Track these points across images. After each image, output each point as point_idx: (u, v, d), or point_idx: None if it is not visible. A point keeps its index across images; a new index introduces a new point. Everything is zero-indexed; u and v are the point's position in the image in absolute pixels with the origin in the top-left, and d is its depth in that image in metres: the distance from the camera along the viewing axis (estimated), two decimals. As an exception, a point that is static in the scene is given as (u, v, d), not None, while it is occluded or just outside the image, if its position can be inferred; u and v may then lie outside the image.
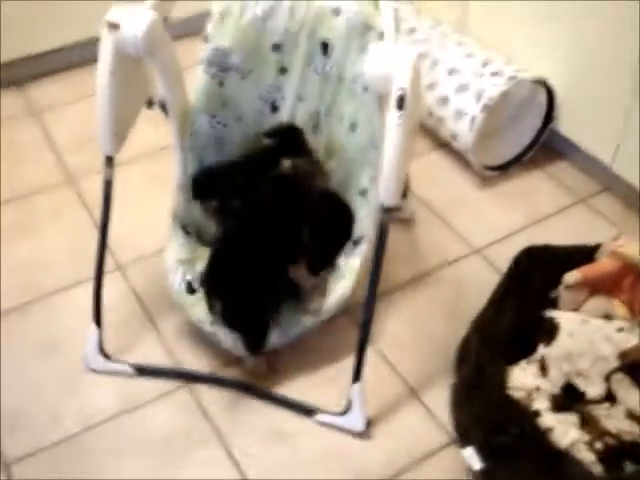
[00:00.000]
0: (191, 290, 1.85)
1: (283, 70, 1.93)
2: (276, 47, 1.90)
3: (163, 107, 1.83)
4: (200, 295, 1.82)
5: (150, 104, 1.82)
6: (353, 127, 1.87)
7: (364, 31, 1.80)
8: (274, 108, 1.97)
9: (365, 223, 1.85)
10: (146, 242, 2.11)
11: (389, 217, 1.64)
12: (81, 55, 2.74)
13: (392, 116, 1.54)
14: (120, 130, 1.72)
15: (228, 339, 1.77)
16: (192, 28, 2.16)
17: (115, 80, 1.64)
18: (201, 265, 1.86)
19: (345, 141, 1.91)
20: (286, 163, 1.85)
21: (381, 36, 1.65)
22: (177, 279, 1.85)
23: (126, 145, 1.79)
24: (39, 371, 1.85)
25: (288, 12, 1.87)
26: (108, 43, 1.61)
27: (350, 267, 1.85)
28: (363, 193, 1.86)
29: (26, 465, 1.68)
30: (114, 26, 1.59)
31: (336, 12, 1.84)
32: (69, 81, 2.74)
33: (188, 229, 1.91)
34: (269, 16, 1.87)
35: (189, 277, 1.85)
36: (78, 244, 2.15)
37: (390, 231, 1.66)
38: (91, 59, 2.69)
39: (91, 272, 2.01)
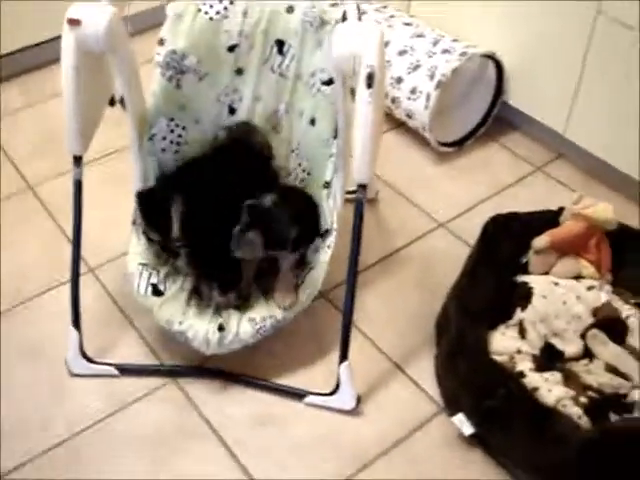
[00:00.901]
0: (157, 292, 1.82)
1: (239, 71, 1.94)
2: (231, 48, 1.91)
3: (124, 104, 1.82)
4: (168, 295, 1.81)
5: (112, 102, 1.81)
6: (313, 122, 1.89)
7: (320, 26, 1.83)
8: (232, 110, 1.97)
9: (330, 215, 1.86)
10: (114, 243, 2.08)
11: (365, 194, 1.66)
12: (32, 59, 2.72)
13: (362, 94, 1.56)
14: (86, 128, 1.71)
15: (198, 337, 1.75)
16: (140, 25, 2.16)
17: (79, 77, 1.63)
18: (166, 270, 1.86)
19: (306, 136, 1.92)
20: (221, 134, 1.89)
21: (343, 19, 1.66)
22: (142, 283, 1.82)
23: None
24: (24, 378, 1.83)
25: (242, 13, 1.89)
26: (70, 39, 1.60)
27: (319, 261, 1.85)
28: (327, 186, 1.87)
29: (20, 474, 1.67)
30: (75, 22, 1.58)
31: (290, 9, 1.86)
32: (21, 86, 2.70)
33: (150, 236, 1.88)
34: (223, 18, 1.89)
35: (154, 280, 1.83)
36: (46, 250, 2.13)
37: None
38: (43, 63, 2.72)
39: (63, 276, 2.01)
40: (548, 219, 1.98)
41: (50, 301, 2.00)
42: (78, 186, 1.75)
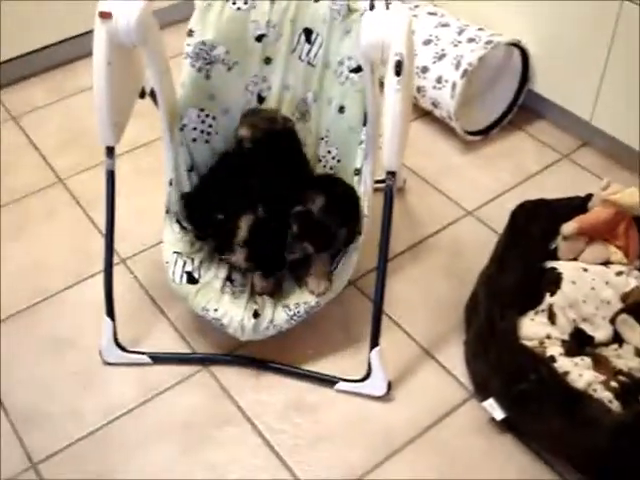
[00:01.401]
0: (192, 280, 1.84)
1: (268, 60, 1.95)
2: (259, 38, 1.92)
3: (153, 96, 1.84)
4: (203, 282, 1.83)
5: (142, 94, 1.83)
6: (342, 110, 1.90)
7: (347, 14, 1.84)
8: (260, 99, 1.99)
9: (361, 202, 1.87)
10: (145, 234, 2.12)
11: (394, 181, 1.67)
12: (55, 57, 2.76)
13: (390, 82, 1.57)
14: (119, 120, 1.73)
15: (233, 323, 1.78)
16: (167, 19, 2.18)
17: (111, 70, 1.65)
18: (200, 258, 1.88)
19: (335, 124, 1.93)
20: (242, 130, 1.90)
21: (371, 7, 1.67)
22: (177, 271, 1.84)
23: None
24: (55, 369, 1.86)
25: (269, 3, 1.90)
26: (102, 33, 1.62)
27: (351, 247, 1.86)
28: (357, 173, 1.88)
29: (53, 463, 1.69)
30: (107, 15, 1.59)
31: None
32: (45, 84, 2.73)
33: (183, 224, 1.91)
34: (251, 8, 1.90)
35: (189, 268, 1.85)
36: (76, 242, 2.16)
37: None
38: (65, 60, 2.76)
39: (93, 268, 2.05)
40: (576, 205, 1.98)
41: (81, 293, 2.03)
42: (111, 176, 1.77)
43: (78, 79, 2.71)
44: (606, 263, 1.92)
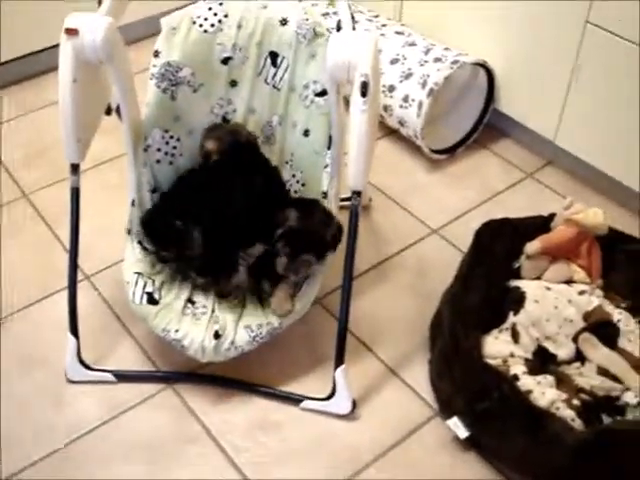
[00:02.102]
0: (153, 301, 1.82)
1: (233, 83, 1.96)
2: (225, 60, 1.93)
3: (119, 113, 1.84)
4: (163, 303, 1.81)
5: (109, 111, 1.82)
6: (306, 133, 1.92)
7: (313, 38, 1.86)
8: (226, 121, 1.99)
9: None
10: (110, 251, 2.10)
11: (359, 201, 1.68)
12: (21, 71, 2.74)
13: (356, 102, 1.58)
14: (84, 136, 1.72)
15: (194, 345, 1.76)
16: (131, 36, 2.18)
17: (76, 87, 1.64)
18: (162, 279, 1.86)
19: (300, 148, 1.94)
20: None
21: (338, 28, 1.69)
22: (137, 292, 1.82)
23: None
24: (21, 387, 1.84)
25: (236, 26, 1.91)
26: (68, 49, 1.62)
27: (320, 270, 1.85)
28: (324, 196, 1.89)
29: (19, 481, 1.68)
30: (73, 32, 1.59)
31: (284, 22, 1.88)
32: (10, 97, 2.71)
33: (144, 244, 1.90)
34: (218, 31, 1.91)
35: (150, 289, 1.83)
36: (40, 258, 2.14)
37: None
38: (32, 74, 2.74)
39: (57, 284, 2.03)
40: (540, 224, 2.00)
41: (45, 309, 2.01)
42: (76, 193, 1.76)
43: (44, 93, 2.69)
44: (569, 282, 1.94)
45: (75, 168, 1.75)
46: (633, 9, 1.95)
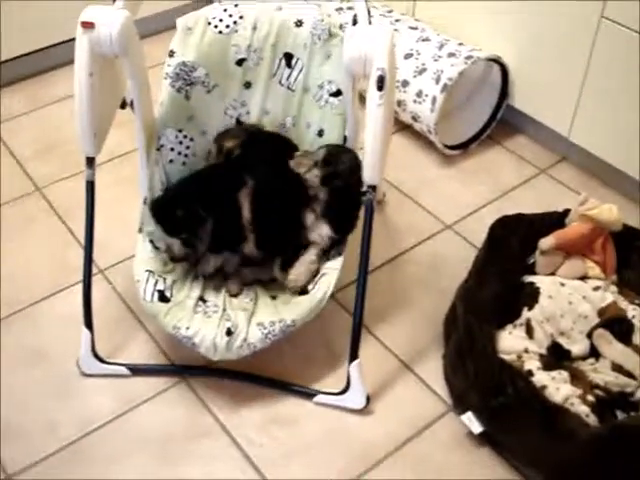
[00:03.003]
0: (164, 299, 1.81)
1: (248, 84, 1.96)
2: (240, 62, 1.93)
3: (133, 107, 1.84)
4: (174, 301, 1.80)
5: (123, 104, 1.83)
6: (321, 133, 1.92)
7: (328, 39, 1.86)
8: (239, 123, 1.99)
9: None
10: (124, 245, 2.09)
11: (374, 195, 1.68)
12: (32, 66, 2.75)
13: (372, 97, 1.58)
14: (99, 130, 1.72)
15: (205, 342, 1.74)
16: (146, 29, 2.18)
17: (92, 80, 1.64)
18: (173, 277, 1.86)
19: (314, 148, 1.93)
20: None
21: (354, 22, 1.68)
22: (149, 289, 1.80)
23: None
24: (31, 381, 1.84)
25: (251, 27, 1.91)
26: (84, 43, 1.62)
27: (331, 267, 1.85)
28: None
29: (29, 476, 1.67)
30: (89, 25, 1.59)
31: (299, 23, 1.88)
32: (22, 92, 2.72)
33: (156, 244, 1.89)
34: (233, 32, 1.91)
35: (161, 287, 1.82)
36: (54, 252, 2.14)
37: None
38: (42, 69, 2.75)
39: (70, 278, 2.04)
40: (554, 220, 2.00)
41: (58, 303, 2.02)
42: (91, 187, 1.77)
43: (55, 88, 2.70)
44: (583, 278, 1.94)
45: (90, 162, 1.75)
46: (649, 4, 1.95)
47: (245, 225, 1.81)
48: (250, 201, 1.80)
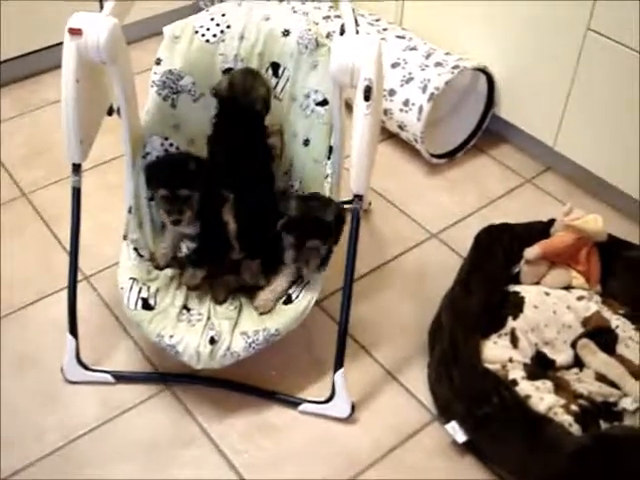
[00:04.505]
0: (148, 307, 1.80)
1: None
2: (227, 71, 1.93)
3: (120, 114, 1.84)
4: (158, 309, 1.80)
5: (110, 111, 1.82)
6: (307, 142, 1.92)
7: (315, 49, 1.87)
8: None
9: None
10: (109, 251, 2.09)
11: (361, 205, 1.68)
12: (21, 70, 2.74)
13: (359, 107, 1.59)
14: (86, 137, 1.72)
15: (189, 350, 1.73)
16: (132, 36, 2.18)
17: (79, 87, 1.64)
18: (157, 285, 1.85)
19: (299, 157, 1.94)
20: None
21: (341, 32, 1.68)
22: (132, 297, 1.80)
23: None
24: (16, 387, 1.83)
25: (238, 36, 1.91)
26: (71, 49, 1.61)
27: (315, 276, 1.85)
28: None
29: (14, 483, 1.67)
30: (76, 32, 1.59)
31: (286, 33, 1.89)
32: (10, 96, 2.71)
33: (140, 252, 1.89)
34: (220, 41, 1.91)
35: (144, 294, 1.81)
36: (39, 257, 2.14)
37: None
38: (31, 73, 2.74)
39: (55, 284, 2.03)
40: (539, 230, 2.01)
41: (43, 309, 2.01)
42: (77, 193, 1.76)
43: (44, 92, 2.69)
44: (568, 288, 1.95)
45: (77, 168, 1.74)
46: (634, 16, 1.96)
47: (231, 237, 1.83)
48: (234, 215, 1.82)
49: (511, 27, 2.29)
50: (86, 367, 1.83)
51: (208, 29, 1.91)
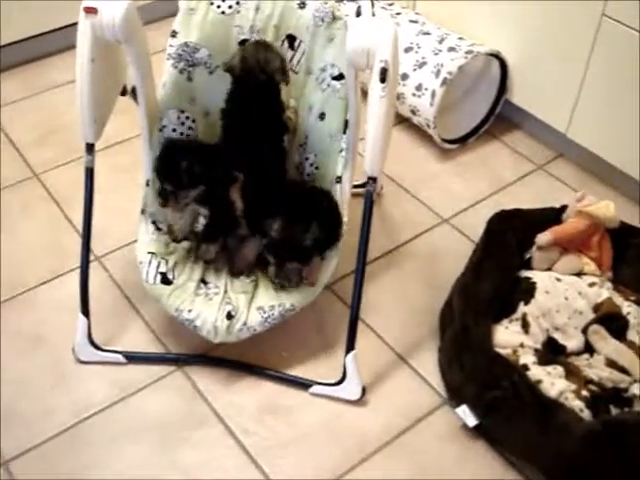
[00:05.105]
0: (166, 281, 1.82)
1: None
2: (243, 42, 1.91)
3: (134, 94, 1.83)
4: (177, 283, 1.82)
5: (124, 91, 1.82)
6: (322, 116, 1.91)
7: (331, 22, 1.85)
8: None
9: (342, 208, 1.86)
10: (121, 232, 2.10)
11: (374, 187, 1.68)
12: (31, 51, 2.73)
13: (375, 89, 1.58)
14: (99, 116, 1.71)
15: (206, 325, 1.76)
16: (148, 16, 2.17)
17: (94, 66, 1.63)
18: (175, 259, 1.87)
19: (315, 131, 1.93)
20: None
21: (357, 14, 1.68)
22: (151, 272, 1.82)
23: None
24: (28, 366, 1.84)
25: (254, 8, 1.90)
26: (86, 28, 1.61)
27: (329, 255, 1.86)
28: (339, 181, 1.88)
29: (24, 461, 1.67)
30: (92, 10, 1.58)
31: (303, 5, 1.87)
32: (21, 78, 2.70)
33: (159, 225, 1.90)
34: (235, 12, 1.90)
35: (163, 269, 1.83)
36: (51, 238, 2.14)
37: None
38: (42, 54, 2.74)
39: (67, 265, 2.04)
40: (551, 216, 2.01)
41: (55, 290, 2.01)
42: (90, 173, 1.76)
43: (54, 74, 2.68)
44: (579, 274, 1.95)
45: (90, 148, 1.74)
46: (650, 3, 1.96)
47: (238, 215, 1.84)
48: (241, 195, 1.82)
49: (525, 12, 2.28)
50: (97, 347, 1.84)
51: (223, 0, 1.89)
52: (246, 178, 1.83)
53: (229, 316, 1.76)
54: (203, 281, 1.86)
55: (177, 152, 1.84)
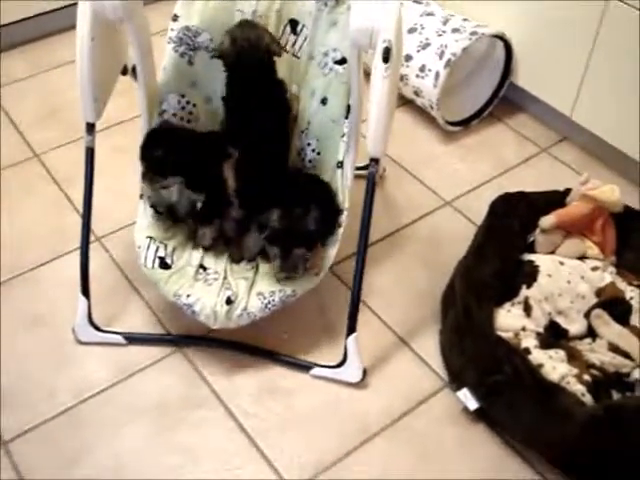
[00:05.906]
0: (165, 266, 1.81)
1: None
2: None
3: (135, 74, 1.82)
4: (175, 268, 1.81)
5: (124, 71, 1.80)
6: (324, 101, 1.89)
7: (334, 6, 1.83)
8: None
9: (342, 194, 1.85)
10: (121, 213, 2.09)
11: (377, 169, 1.67)
12: (33, 30, 2.72)
13: (378, 69, 1.57)
14: (100, 96, 1.70)
15: (205, 310, 1.74)
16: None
17: (94, 45, 1.62)
18: (174, 244, 1.86)
19: (317, 116, 1.91)
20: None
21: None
22: (150, 256, 1.81)
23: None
24: (28, 347, 1.83)
25: None
26: (86, 7, 1.59)
27: (332, 240, 1.84)
28: (340, 166, 1.86)
29: (24, 442, 1.67)
30: (93, -11, 1.57)
31: None
32: (23, 57, 2.68)
33: (158, 209, 1.88)
34: None
35: (162, 253, 1.82)
36: (51, 218, 2.13)
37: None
38: (44, 34, 2.72)
39: (68, 245, 2.03)
40: (555, 199, 1.99)
41: (56, 270, 2.01)
42: (90, 153, 1.75)
43: (57, 53, 2.67)
44: (582, 258, 1.94)
45: (91, 128, 1.73)
46: (658, -16, 1.93)
47: (230, 193, 1.83)
48: (234, 172, 1.81)
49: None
50: (97, 328, 1.83)
51: None
52: (243, 155, 1.81)
53: (228, 301, 1.74)
54: (202, 266, 1.84)
55: (157, 139, 1.83)
